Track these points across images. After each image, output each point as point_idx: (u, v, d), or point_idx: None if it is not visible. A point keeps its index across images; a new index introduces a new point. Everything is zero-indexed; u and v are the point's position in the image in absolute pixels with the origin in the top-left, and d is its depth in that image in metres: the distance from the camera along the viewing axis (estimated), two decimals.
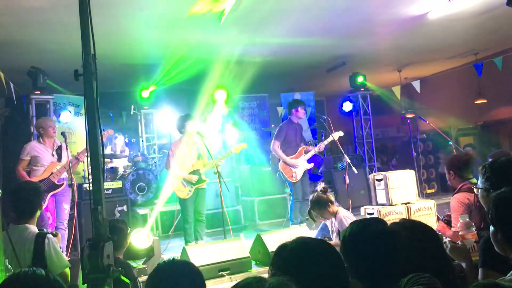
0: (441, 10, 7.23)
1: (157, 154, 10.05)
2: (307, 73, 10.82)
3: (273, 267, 1.86)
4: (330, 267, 1.81)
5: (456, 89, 12.10)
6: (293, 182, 6.92)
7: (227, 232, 6.01)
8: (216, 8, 6.22)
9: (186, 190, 6.22)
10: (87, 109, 2.21)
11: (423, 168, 10.25)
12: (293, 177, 6.88)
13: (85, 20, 2.20)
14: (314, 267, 1.80)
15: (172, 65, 8.85)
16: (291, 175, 6.90)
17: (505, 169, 2.56)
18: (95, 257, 2.00)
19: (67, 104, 9.06)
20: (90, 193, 2.16)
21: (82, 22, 2.20)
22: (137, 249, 4.81)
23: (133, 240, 4.73)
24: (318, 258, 1.82)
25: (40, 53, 7.55)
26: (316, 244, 1.88)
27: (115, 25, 6.56)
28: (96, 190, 2.16)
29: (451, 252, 2.61)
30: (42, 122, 6.23)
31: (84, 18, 2.20)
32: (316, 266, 1.80)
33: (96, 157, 2.19)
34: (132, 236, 4.71)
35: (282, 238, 5.17)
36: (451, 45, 9.71)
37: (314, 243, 1.88)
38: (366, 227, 1.91)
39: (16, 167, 5.92)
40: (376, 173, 7.36)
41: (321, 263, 1.81)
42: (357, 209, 7.17)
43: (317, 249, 1.85)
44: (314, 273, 1.78)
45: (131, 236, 4.67)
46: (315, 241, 1.94)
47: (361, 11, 7.05)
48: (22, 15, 6.06)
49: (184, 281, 1.85)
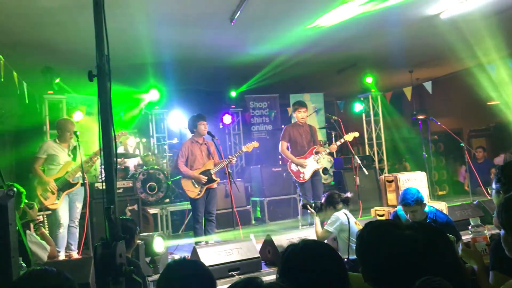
0: (454, 11, 7.19)
1: (167, 153, 10.09)
2: (317, 73, 10.80)
3: (281, 268, 1.89)
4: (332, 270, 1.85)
5: (468, 90, 11.99)
6: (302, 183, 6.87)
7: (237, 232, 6.03)
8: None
9: (197, 190, 6.25)
10: (101, 109, 2.23)
11: (435, 169, 10.18)
12: (300, 178, 6.84)
13: (100, 21, 2.21)
14: (316, 270, 1.85)
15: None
16: (298, 175, 6.86)
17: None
18: (108, 256, 2.02)
19: (79, 103, 9.12)
20: (103, 192, 2.18)
21: (97, 23, 2.22)
22: (155, 252, 4.98)
23: (155, 243, 4.94)
24: (320, 261, 1.87)
25: (53, 53, 7.62)
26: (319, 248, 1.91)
27: (126, 25, 6.60)
28: (109, 190, 2.18)
29: (463, 255, 2.60)
30: (61, 124, 6.22)
31: (98, 20, 2.22)
32: (318, 269, 1.85)
33: (109, 158, 2.21)
34: (155, 240, 4.95)
35: (292, 239, 5.22)
36: (463, 46, 9.63)
37: (318, 246, 1.91)
38: (381, 229, 1.90)
39: (33, 165, 5.96)
40: (387, 174, 7.34)
41: (323, 266, 1.86)
42: (367, 210, 7.17)
43: (320, 252, 1.90)
44: (316, 274, 1.83)
45: (154, 239, 4.91)
46: (318, 244, 1.96)
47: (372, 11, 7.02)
48: (36, 16, 6.13)
49: (195, 281, 1.86)
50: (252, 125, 11.60)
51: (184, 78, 10.36)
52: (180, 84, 10.86)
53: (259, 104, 11.66)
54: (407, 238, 1.82)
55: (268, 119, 11.69)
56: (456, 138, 8.55)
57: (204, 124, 6.41)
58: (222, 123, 11.25)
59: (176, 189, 9.07)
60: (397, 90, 11.67)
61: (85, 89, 8.91)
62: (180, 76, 9.97)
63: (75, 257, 5.84)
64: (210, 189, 6.36)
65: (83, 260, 4.66)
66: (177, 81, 10.39)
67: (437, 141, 10.60)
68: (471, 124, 12.21)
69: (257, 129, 11.63)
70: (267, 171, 9.21)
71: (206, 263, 2.56)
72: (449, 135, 9.04)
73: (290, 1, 6.36)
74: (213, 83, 11.33)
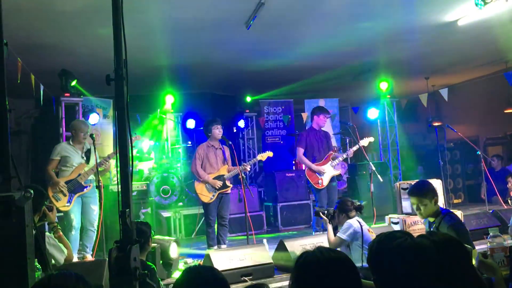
0: (471, 17, 7.12)
1: (181, 157, 10.13)
2: (332, 79, 10.77)
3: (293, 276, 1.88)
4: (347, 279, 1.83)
5: (485, 97, 11.87)
6: (319, 189, 6.81)
7: (249, 238, 6.02)
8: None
9: (210, 195, 6.25)
10: (118, 113, 2.24)
11: (450, 177, 10.08)
12: (319, 184, 6.79)
13: (118, 26, 2.23)
14: (330, 278, 1.82)
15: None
16: (317, 181, 6.80)
17: None
18: (123, 259, 2.03)
19: (95, 106, 9.21)
20: (118, 195, 2.19)
21: (115, 28, 2.23)
22: (170, 258, 5.03)
23: (171, 249, 5.03)
24: (334, 269, 1.85)
25: (70, 56, 7.71)
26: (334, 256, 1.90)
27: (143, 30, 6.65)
28: (124, 193, 2.19)
29: (480, 266, 2.56)
30: (75, 125, 6.28)
31: (117, 24, 2.23)
32: (332, 278, 1.82)
33: (125, 161, 2.22)
34: (171, 246, 5.03)
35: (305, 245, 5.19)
36: (481, 53, 9.54)
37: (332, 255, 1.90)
38: (393, 240, 1.88)
39: (46, 167, 6.02)
40: (402, 181, 7.27)
41: (337, 275, 1.83)
42: (382, 217, 7.10)
43: (334, 260, 1.87)
44: (329, 283, 1.81)
45: (171, 245, 4.99)
46: (333, 252, 1.94)
47: (390, 18, 6.99)
48: (54, 19, 6.21)
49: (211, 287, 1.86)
50: (266, 130, 11.60)
51: (199, 82, 10.41)
52: (195, 88, 10.91)
53: (273, 109, 11.66)
54: (413, 244, 1.80)
55: (282, 124, 11.67)
56: (472, 146, 8.44)
57: (218, 128, 6.42)
58: (236, 127, 11.26)
59: (190, 193, 9.09)
60: (412, 96, 11.59)
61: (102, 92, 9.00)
62: (195, 80, 10.03)
63: (89, 259, 5.87)
64: (223, 194, 6.36)
65: (97, 262, 4.68)
66: (192, 85, 10.44)
67: (453, 148, 10.49)
68: (487, 132, 12.07)
69: (271, 133, 11.61)
70: (281, 177, 9.18)
71: (218, 268, 2.55)
72: (465, 143, 8.93)
73: (307, 7, 6.35)
74: (228, 88, 11.37)
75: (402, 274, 1.77)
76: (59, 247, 3.50)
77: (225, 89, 11.55)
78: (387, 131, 10.58)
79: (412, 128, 13.65)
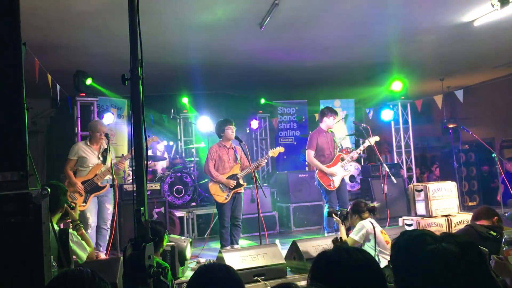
0: (487, 18, 7.04)
1: (195, 157, 10.18)
2: (347, 80, 10.74)
3: (312, 275, 1.85)
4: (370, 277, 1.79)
5: (501, 99, 11.74)
6: (329, 190, 6.77)
7: (262, 238, 6.02)
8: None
9: (224, 195, 6.27)
10: (133, 113, 2.25)
11: (465, 179, 9.98)
12: (331, 186, 6.74)
13: (134, 26, 2.25)
14: (353, 277, 1.78)
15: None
16: (328, 183, 6.75)
17: None
18: (137, 257, 2.04)
19: (109, 106, 9.29)
20: (133, 194, 2.21)
21: (131, 29, 2.25)
22: (186, 257, 5.19)
23: (187, 249, 5.20)
24: (357, 267, 1.80)
25: (86, 56, 7.79)
26: (356, 254, 1.85)
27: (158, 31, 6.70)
28: (139, 192, 2.21)
29: (495, 268, 2.54)
30: (93, 126, 6.33)
31: (133, 25, 2.25)
32: (355, 276, 1.78)
33: (140, 161, 2.24)
34: (188, 246, 5.21)
35: (317, 246, 5.19)
36: (497, 54, 9.44)
37: (355, 252, 1.86)
38: (424, 243, 1.81)
39: (64, 167, 6.09)
40: (416, 183, 7.22)
41: (360, 273, 1.79)
42: (395, 219, 7.06)
43: (357, 258, 1.82)
44: (352, 282, 1.77)
45: (187, 246, 5.18)
46: (355, 250, 1.91)
47: (405, 18, 6.95)
48: (71, 20, 6.27)
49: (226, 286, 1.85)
50: (279, 131, 11.60)
51: (213, 82, 10.44)
52: (209, 88, 10.95)
53: (287, 109, 11.66)
54: (445, 251, 1.76)
55: (296, 125, 11.66)
56: (488, 148, 8.35)
57: (231, 128, 6.43)
58: (249, 128, 11.27)
59: (203, 193, 9.14)
60: (427, 97, 11.50)
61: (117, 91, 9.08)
62: (208, 80, 10.06)
63: (103, 258, 5.93)
64: (236, 193, 6.38)
65: (111, 260, 4.72)
66: (206, 85, 10.48)
67: (468, 150, 10.39)
68: (503, 133, 11.93)
69: (285, 134, 11.61)
70: (294, 177, 9.17)
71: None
72: (480, 145, 8.85)
73: (320, 8, 6.34)
74: (241, 88, 11.39)
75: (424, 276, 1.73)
76: (82, 245, 3.55)
77: (238, 90, 11.57)
78: (401, 132, 10.50)
79: (427, 130, 13.55)
